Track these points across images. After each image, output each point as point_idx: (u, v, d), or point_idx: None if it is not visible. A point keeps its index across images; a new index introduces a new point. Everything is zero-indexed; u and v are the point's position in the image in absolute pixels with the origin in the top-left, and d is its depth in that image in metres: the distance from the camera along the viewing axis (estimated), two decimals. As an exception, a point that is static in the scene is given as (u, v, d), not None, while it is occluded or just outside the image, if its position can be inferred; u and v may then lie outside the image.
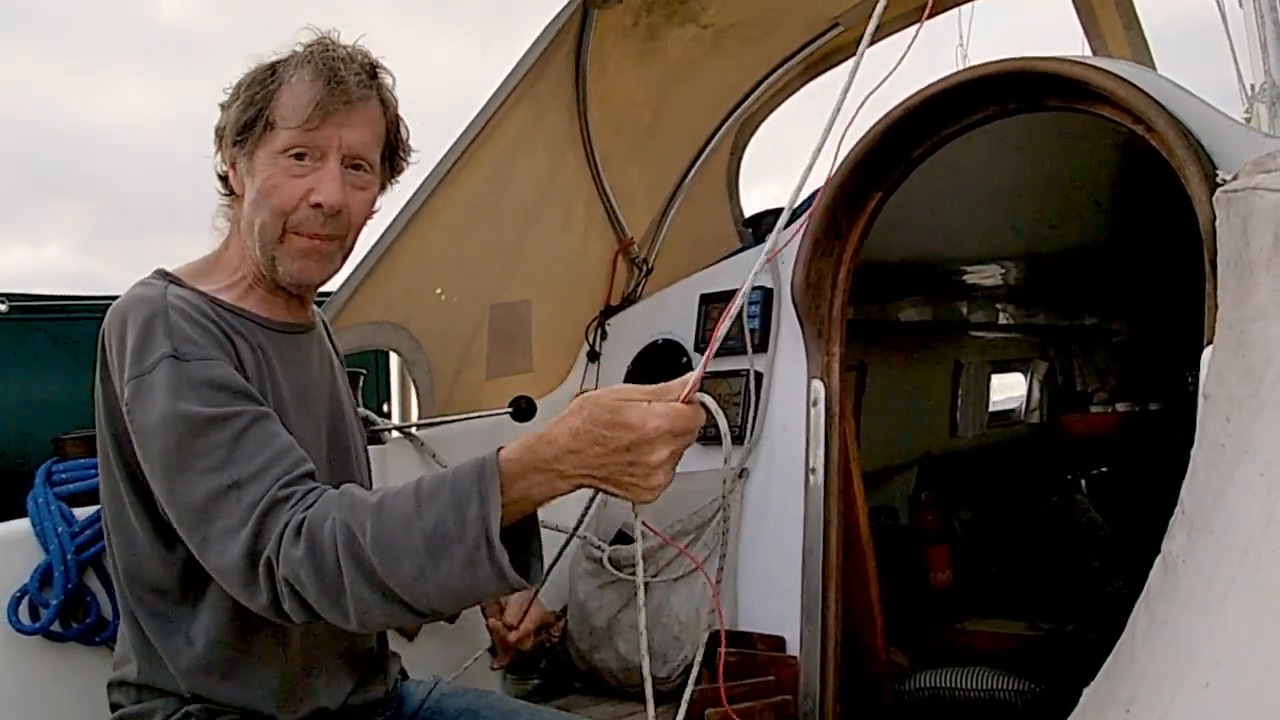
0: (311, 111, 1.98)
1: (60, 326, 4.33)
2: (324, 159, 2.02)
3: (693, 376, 1.68)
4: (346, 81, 2.01)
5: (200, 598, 2.00)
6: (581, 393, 1.91)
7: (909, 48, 1.88)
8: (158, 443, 1.79)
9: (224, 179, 2.12)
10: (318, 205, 2.02)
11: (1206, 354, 1.95)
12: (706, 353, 1.78)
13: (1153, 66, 3.75)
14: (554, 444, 1.65)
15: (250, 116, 2.00)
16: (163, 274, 2.05)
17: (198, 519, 1.76)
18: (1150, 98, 2.50)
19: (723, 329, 1.79)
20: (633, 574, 1.89)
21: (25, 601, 2.42)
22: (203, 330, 1.90)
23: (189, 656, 2.00)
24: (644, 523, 1.78)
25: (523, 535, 1.73)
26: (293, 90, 2.00)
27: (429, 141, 2.31)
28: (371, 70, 2.09)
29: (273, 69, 2.02)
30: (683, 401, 1.64)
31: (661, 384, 1.69)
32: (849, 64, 1.73)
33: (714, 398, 1.71)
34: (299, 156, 2.01)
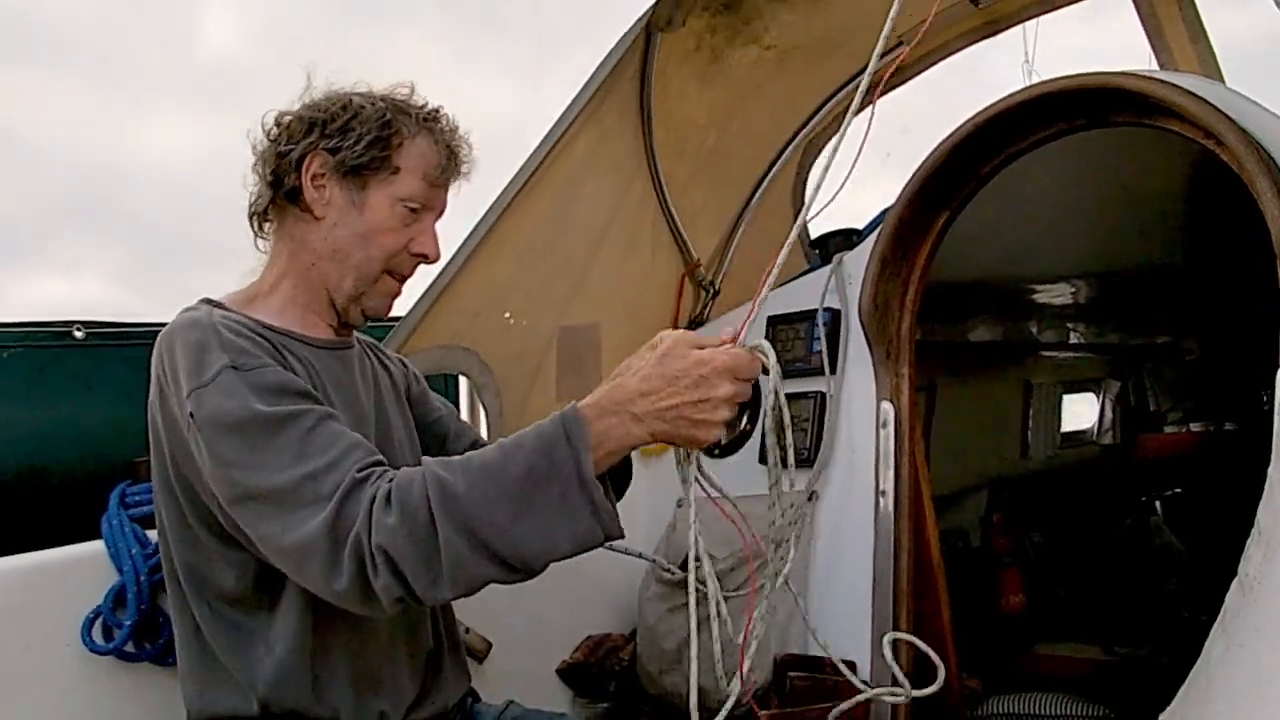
0: (439, 173, 2.17)
1: (132, 351, 4.38)
2: (427, 215, 2.19)
3: (740, 324, 1.86)
4: (458, 155, 2.23)
5: (276, 602, 2.02)
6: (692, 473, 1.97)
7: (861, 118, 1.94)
8: (231, 445, 1.81)
9: (288, 196, 2.14)
10: (421, 255, 2.20)
11: (1281, 372, 1.92)
12: (754, 300, 1.92)
13: (1221, 80, 3.71)
14: (626, 388, 1.77)
15: (376, 154, 2.09)
16: (208, 301, 2.10)
17: (273, 511, 1.78)
18: (1219, 111, 2.47)
19: (772, 276, 1.89)
20: (705, 595, 1.91)
21: (99, 622, 2.46)
22: (253, 343, 1.94)
23: (268, 665, 2.02)
24: (703, 472, 1.88)
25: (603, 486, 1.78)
26: (420, 148, 2.15)
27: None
28: (465, 148, 2.27)
29: (388, 117, 2.12)
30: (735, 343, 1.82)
31: (715, 336, 1.85)
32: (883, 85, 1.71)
33: (780, 421, 1.79)
34: (413, 209, 2.15)
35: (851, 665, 3.15)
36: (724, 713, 1.92)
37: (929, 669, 2.77)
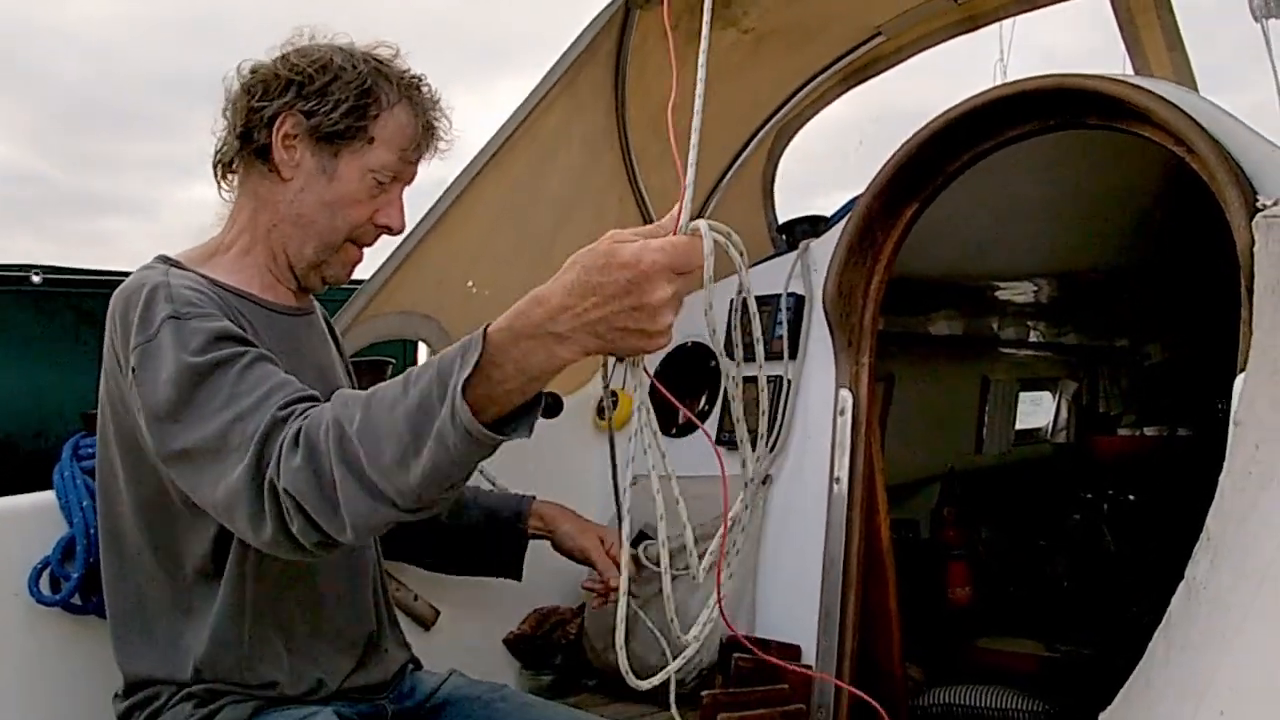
0: (414, 148, 2.14)
1: (92, 302, 4.35)
2: (395, 186, 2.16)
3: (678, 207, 1.57)
4: (436, 130, 2.20)
5: (218, 570, 2.01)
6: (609, 392, 1.80)
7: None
8: (166, 396, 1.79)
9: (257, 152, 2.12)
10: (385, 227, 2.18)
11: (1239, 381, 1.93)
12: (689, 170, 1.64)
13: (1195, 89, 3.73)
14: (546, 303, 1.54)
15: (352, 123, 2.06)
16: (164, 259, 2.07)
17: (207, 461, 1.75)
18: (1191, 119, 2.48)
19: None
20: (657, 572, 1.80)
21: (47, 573, 2.44)
22: (203, 297, 1.93)
23: (203, 633, 2.02)
24: (649, 375, 1.59)
25: (528, 410, 1.61)
26: (398, 120, 2.12)
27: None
28: (444, 122, 2.24)
29: (368, 84, 2.08)
30: (675, 234, 1.54)
31: (653, 224, 1.60)
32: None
33: (740, 404, 1.66)
34: (382, 181, 2.12)
35: (797, 649, 3.17)
36: (661, 673, 1.86)
37: (875, 656, 2.79)
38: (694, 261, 1.51)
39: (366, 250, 2.25)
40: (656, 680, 1.71)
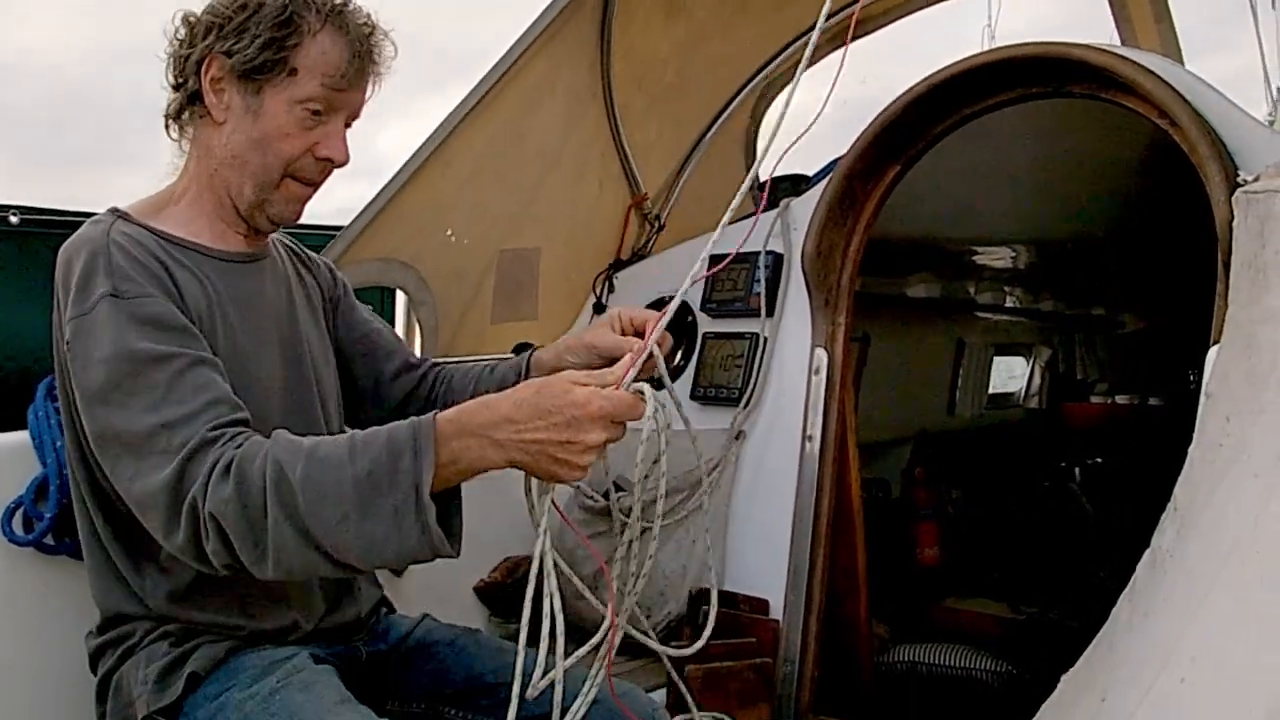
0: (340, 76, 2.04)
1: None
2: (333, 116, 2.08)
3: (623, 365, 1.73)
4: (371, 52, 2.10)
5: None
6: (532, 506, 1.86)
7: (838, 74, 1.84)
8: (97, 379, 1.79)
9: (191, 100, 2.09)
10: (327, 160, 2.09)
11: (1212, 353, 1.96)
12: (643, 341, 1.82)
13: (1181, 62, 3.74)
14: (495, 410, 1.68)
15: (270, 57, 2.00)
16: (113, 211, 2.05)
17: (127, 454, 1.77)
18: (1176, 92, 2.49)
19: (663, 321, 1.86)
20: (626, 525, 1.87)
21: (20, 513, 2.43)
22: (142, 268, 1.90)
23: (162, 581, 2.02)
24: (557, 508, 1.79)
25: (447, 501, 1.71)
26: (321, 47, 2.03)
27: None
28: (386, 46, 2.16)
29: (288, 13, 2.03)
30: (618, 388, 1.68)
31: (607, 370, 1.75)
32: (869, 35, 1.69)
33: (713, 360, 1.73)
34: (315, 112, 2.05)
35: (766, 602, 3.20)
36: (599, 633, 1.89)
37: (842, 612, 2.81)
38: (634, 415, 1.69)
39: (341, 194, 2.23)
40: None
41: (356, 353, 2.46)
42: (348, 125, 2.13)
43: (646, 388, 1.71)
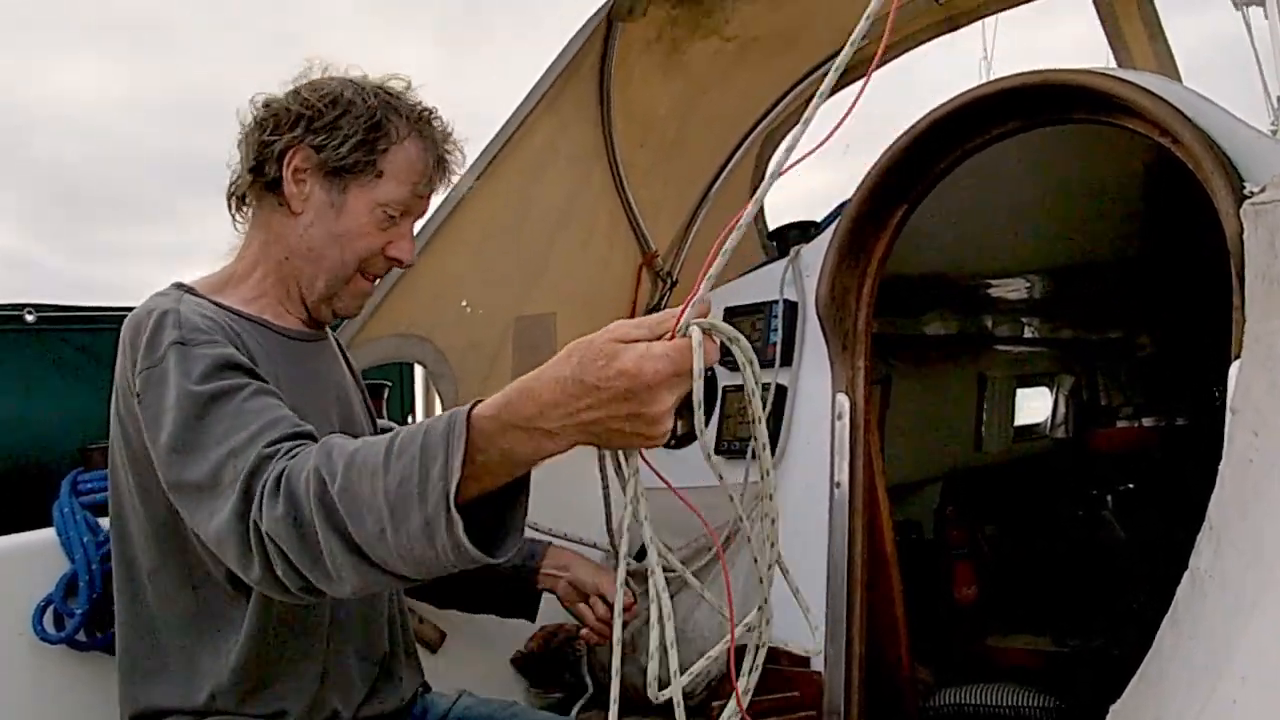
0: (426, 183, 2.15)
1: (86, 337, 4.34)
2: (405, 219, 2.17)
3: (686, 305, 1.46)
4: (447, 163, 2.20)
5: (234, 596, 2.00)
6: (606, 480, 1.77)
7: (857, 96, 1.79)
8: (168, 426, 1.79)
9: (269, 186, 2.12)
10: (396, 260, 2.19)
11: (1234, 368, 1.94)
12: (704, 267, 1.52)
13: (1178, 78, 3.74)
14: (537, 398, 1.47)
15: (361, 158, 2.06)
16: (179, 286, 2.08)
17: (203, 496, 1.73)
18: (1176, 109, 2.49)
19: (728, 242, 1.54)
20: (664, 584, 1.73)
21: (50, 611, 2.44)
22: (212, 323, 1.92)
23: (220, 659, 2.00)
24: (648, 463, 1.51)
25: (504, 504, 1.59)
26: (408, 154, 2.12)
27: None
28: (458, 154, 2.25)
29: (379, 117, 2.08)
30: (674, 336, 1.45)
31: (659, 313, 1.50)
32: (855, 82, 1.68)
33: (735, 412, 1.65)
34: (391, 215, 2.12)
35: (806, 656, 3.17)
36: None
37: (884, 659, 2.79)
38: (694, 365, 1.43)
39: None
40: (668, 693, 1.66)
41: None
42: None
43: (705, 325, 1.45)
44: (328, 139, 2.05)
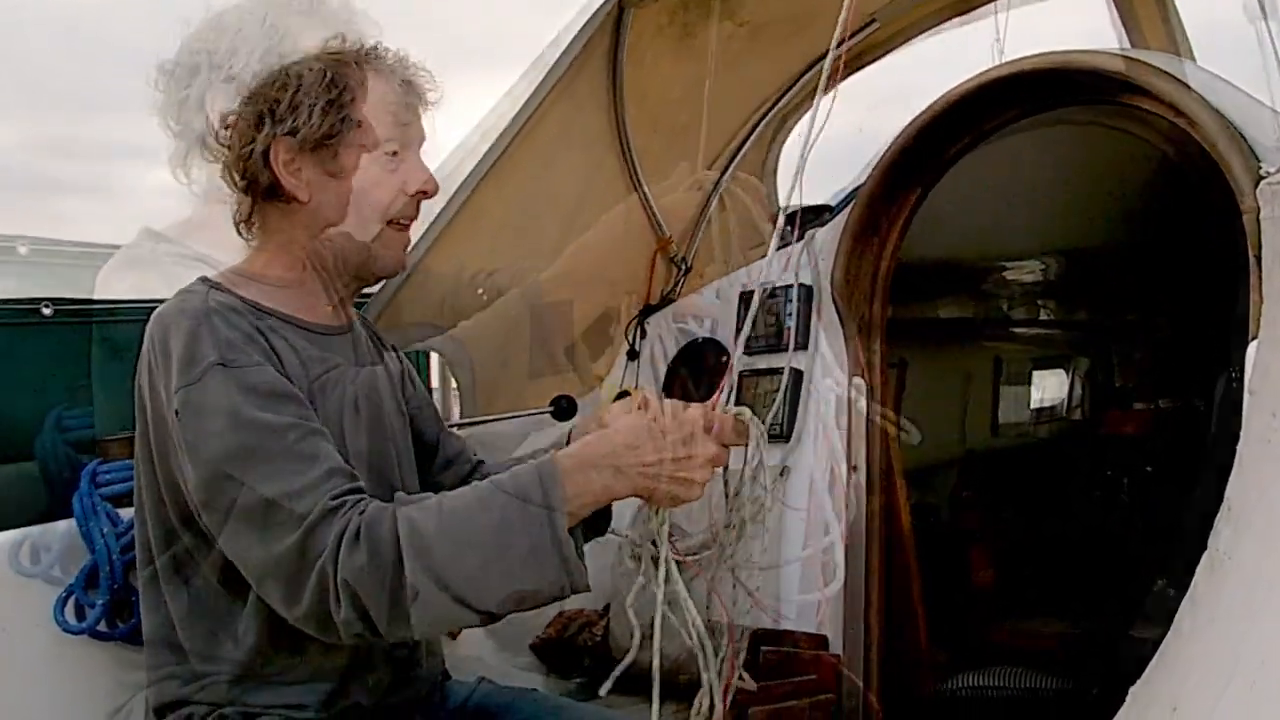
0: (402, 110, 2.11)
1: (103, 329, 4.35)
2: (408, 151, 2.13)
3: (720, 392, 1.92)
4: (415, 84, 2.16)
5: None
6: (622, 391, 1.97)
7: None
8: (214, 450, 1.79)
9: (267, 195, 2.10)
10: (420, 193, 2.15)
11: (1251, 349, 1.93)
12: (732, 359, 2.00)
13: (1192, 58, 3.72)
14: (611, 440, 1.79)
15: (334, 118, 2.03)
16: (204, 280, 2.06)
17: (245, 525, 1.77)
18: (1191, 90, 2.48)
19: (746, 328, 1.95)
20: (682, 570, 1.92)
21: (71, 601, 2.44)
22: (245, 337, 1.91)
23: (241, 651, 2.01)
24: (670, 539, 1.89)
25: (574, 538, 1.77)
26: (373, 92, 2.08)
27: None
28: (421, 71, 2.20)
29: (329, 75, 2.05)
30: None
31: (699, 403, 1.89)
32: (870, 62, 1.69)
33: (753, 396, 1.78)
34: (393, 153, 2.09)
35: (824, 638, 3.17)
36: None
37: (901, 642, 2.79)
38: (732, 438, 1.90)
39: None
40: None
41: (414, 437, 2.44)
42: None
43: (747, 412, 1.89)
44: (295, 119, 2.03)
